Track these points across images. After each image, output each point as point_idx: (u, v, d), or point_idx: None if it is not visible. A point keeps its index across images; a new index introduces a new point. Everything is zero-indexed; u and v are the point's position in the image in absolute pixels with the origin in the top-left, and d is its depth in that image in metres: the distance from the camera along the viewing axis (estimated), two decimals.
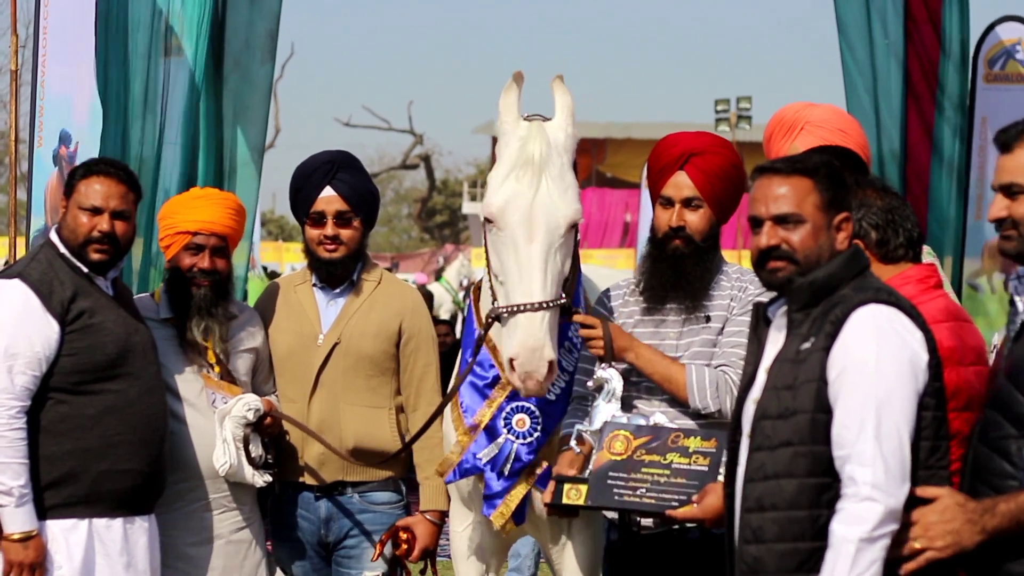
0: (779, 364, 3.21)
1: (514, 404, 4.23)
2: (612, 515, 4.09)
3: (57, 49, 5.81)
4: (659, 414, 3.91)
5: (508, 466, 4.22)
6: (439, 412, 4.37)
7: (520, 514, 4.24)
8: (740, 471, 3.25)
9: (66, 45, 5.78)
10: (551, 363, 3.86)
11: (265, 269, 16.61)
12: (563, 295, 3.97)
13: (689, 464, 3.67)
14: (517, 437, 4.24)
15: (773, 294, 3.36)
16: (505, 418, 4.23)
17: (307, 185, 4.57)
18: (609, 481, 3.73)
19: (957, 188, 6.35)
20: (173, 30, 5.92)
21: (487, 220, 4.04)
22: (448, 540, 4.62)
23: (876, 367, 3.06)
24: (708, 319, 4.05)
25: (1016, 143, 3.13)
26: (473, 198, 49.07)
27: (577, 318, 4.07)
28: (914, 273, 3.70)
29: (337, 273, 4.59)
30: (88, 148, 5.65)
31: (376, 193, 4.73)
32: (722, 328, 4.05)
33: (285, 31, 6.63)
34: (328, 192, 4.54)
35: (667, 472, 3.68)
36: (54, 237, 4.32)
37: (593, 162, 41.40)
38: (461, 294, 22.78)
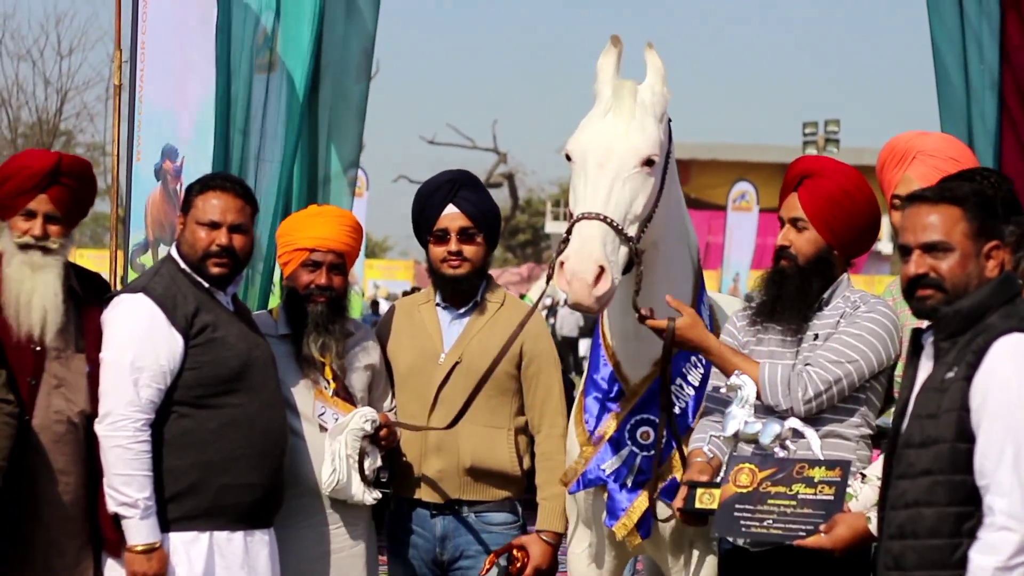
0: (924, 392, 3.23)
1: (639, 417, 4.25)
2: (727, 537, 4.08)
3: (155, 64, 5.90)
4: (793, 419, 3.93)
5: (632, 478, 4.23)
6: (470, 401, 4.36)
7: (645, 527, 4.25)
8: (886, 498, 3.29)
9: (165, 61, 5.85)
10: (602, 269, 3.83)
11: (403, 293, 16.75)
12: (635, 238, 3.95)
13: (815, 494, 3.70)
14: (641, 449, 4.25)
15: (924, 322, 3.37)
16: (630, 430, 4.24)
17: (430, 204, 4.61)
18: (736, 513, 3.76)
19: None
20: (272, 47, 5.99)
21: (568, 159, 4.10)
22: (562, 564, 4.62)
23: (1018, 396, 3.06)
24: (816, 336, 4.04)
25: None
26: (556, 217, 49.16)
27: (672, 302, 4.04)
28: None
29: (461, 289, 4.62)
30: (195, 163, 5.73)
31: (498, 211, 4.77)
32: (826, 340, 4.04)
33: None
34: (451, 209, 4.59)
35: (793, 503, 3.71)
36: (174, 252, 4.38)
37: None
38: (544, 312, 22.78)
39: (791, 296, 4.06)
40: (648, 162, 4.02)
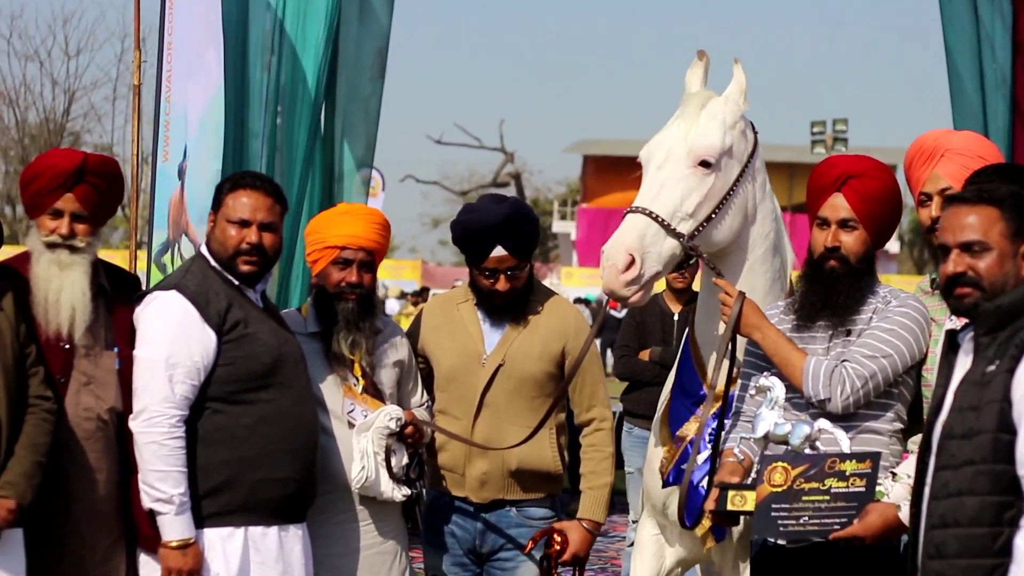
0: (965, 386, 3.28)
1: (716, 423, 4.29)
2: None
3: (181, 65, 5.94)
4: (823, 419, 3.96)
5: (708, 480, 4.26)
6: (549, 415, 4.51)
7: (720, 531, 4.29)
8: (927, 490, 3.32)
9: (188, 61, 5.90)
10: (632, 258, 4.04)
11: (425, 290, 16.74)
12: (686, 233, 4.14)
13: (847, 487, 3.75)
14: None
15: (963, 320, 3.44)
16: (710, 434, 4.28)
17: (479, 240, 4.60)
18: (773, 513, 3.81)
19: None
20: (293, 47, 6.02)
21: (640, 164, 4.32)
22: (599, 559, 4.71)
23: None
24: (849, 333, 4.09)
25: None
26: (563, 216, 49.21)
27: (718, 282, 4.19)
28: None
29: (509, 310, 4.67)
30: (197, 163, 5.76)
31: (539, 232, 4.79)
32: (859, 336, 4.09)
33: None
34: (500, 252, 4.58)
35: (827, 497, 3.76)
36: (204, 250, 4.41)
37: None
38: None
39: (844, 296, 4.11)
40: (704, 163, 4.19)
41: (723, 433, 4.24)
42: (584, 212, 46.10)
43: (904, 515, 3.61)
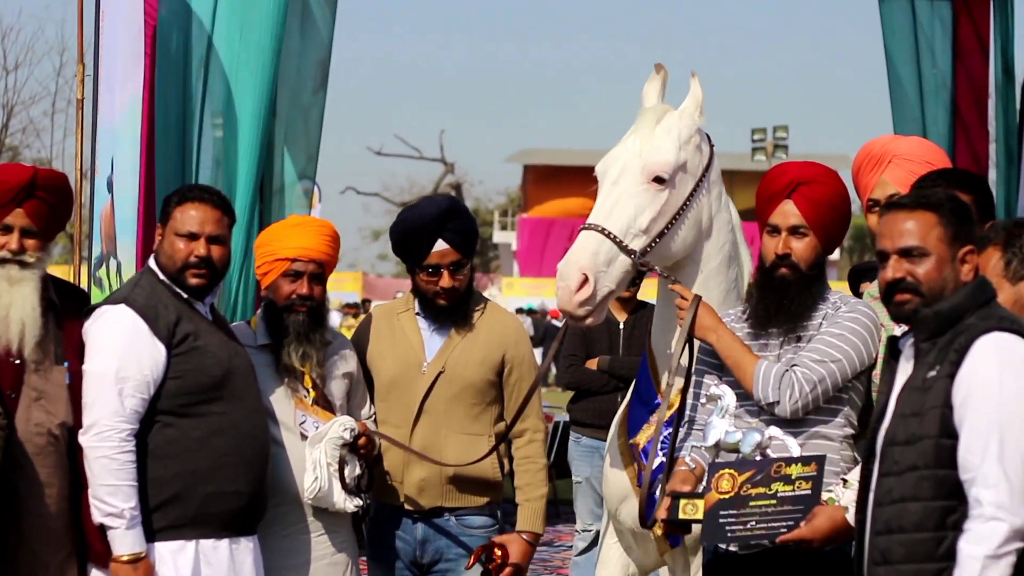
0: (907, 392, 3.33)
1: (671, 430, 4.34)
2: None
3: (109, 78, 5.90)
4: (773, 427, 4.00)
5: (660, 486, 4.30)
6: (524, 407, 4.56)
7: (673, 536, 4.33)
8: (871, 496, 3.37)
9: (112, 74, 5.86)
10: (584, 277, 4.10)
11: (366, 302, 16.69)
12: (638, 250, 4.19)
13: (793, 491, 3.78)
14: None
15: (903, 328, 3.48)
16: (663, 441, 4.33)
17: (418, 238, 4.63)
18: (721, 520, 3.84)
19: (1006, 217, 6.38)
20: (235, 60, 5.98)
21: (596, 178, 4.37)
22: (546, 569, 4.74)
23: (999, 392, 3.16)
24: (800, 339, 4.15)
25: None
26: (504, 227, 49.20)
27: (674, 287, 4.25)
28: None
29: (451, 313, 4.69)
30: (123, 177, 5.73)
31: (478, 231, 4.83)
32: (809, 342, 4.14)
33: None
34: (441, 246, 4.62)
35: (774, 502, 3.80)
36: (152, 264, 4.41)
37: None
38: None
39: (795, 303, 4.15)
40: (658, 179, 4.23)
41: (677, 441, 4.29)
42: (525, 222, 46.18)
43: (852, 517, 3.64)
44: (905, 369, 3.39)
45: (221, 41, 5.96)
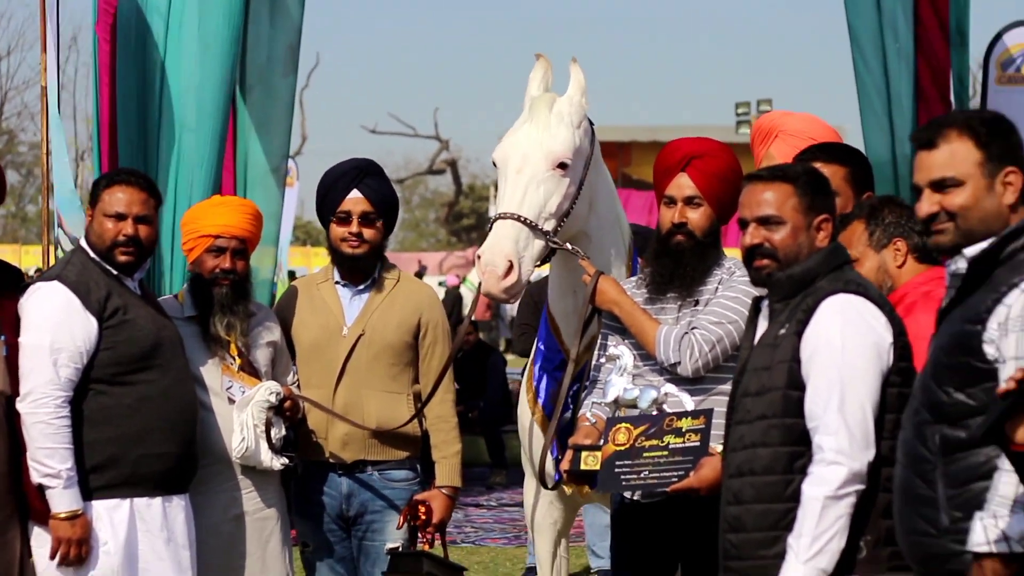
0: (759, 348, 3.61)
1: (579, 385, 4.64)
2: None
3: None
4: (669, 384, 4.30)
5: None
6: (440, 379, 4.85)
7: (592, 479, 4.57)
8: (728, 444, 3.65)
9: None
10: (510, 263, 4.39)
11: (292, 274, 16.94)
12: (548, 230, 4.48)
13: (683, 443, 4.04)
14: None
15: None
16: (571, 397, 4.64)
17: (335, 188, 4.97)
18: (616, 470, 4.12)
19: None
20: (195, 45, 6.17)
21: (495, 165, 4.66)
22: (464, 527, 5.00)
23: (842, 348, 3.43)
24: (697, 303, 4.42)
25: (939, 139, 3.30)
26: None
27: (583, 263, 4.55)
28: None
29: (360, 268, 4.98)
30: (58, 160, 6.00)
31: (397, 200, 5.15)
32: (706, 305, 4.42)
33: (310, 41, 6.87)
34: (355, 194, 4.94)
35: (665, 453, 4.05)
36: (83, 243, 4.71)
37: (619, 165, 41.87)
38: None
39: (691, 268, 4.42)
40: (561, 165, 4.54)
41: (580, 398, 4.59)
42: None
43: None
44: (762, 327, 3.66)
45: (180, 27, 6.12)
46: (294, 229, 21.61)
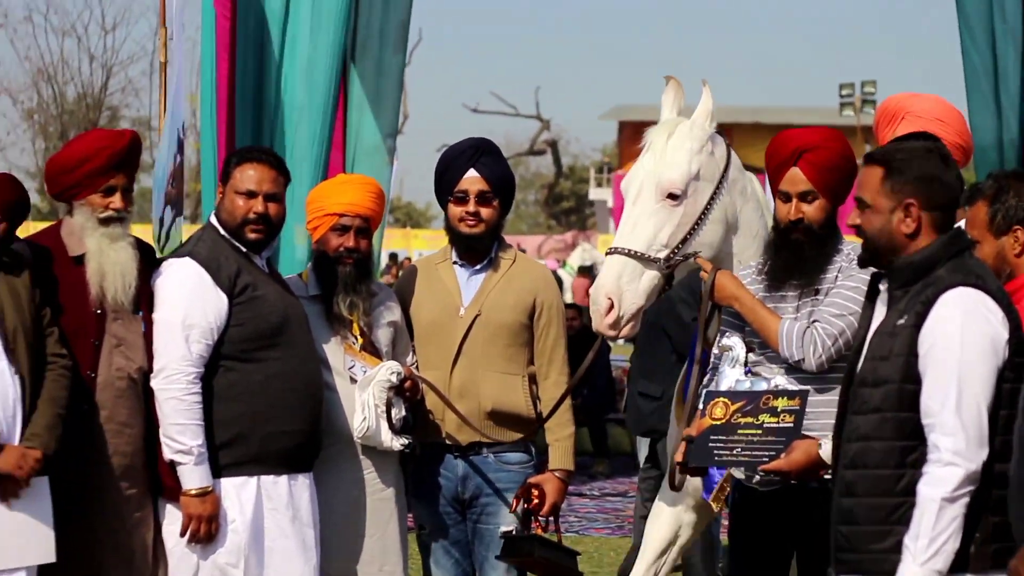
0: (878, 336, 3.57)
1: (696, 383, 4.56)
2: (739, 475, 4.42)
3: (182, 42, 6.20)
4: (779, 377, 4.27)
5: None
6: (569, 391, 4.89)
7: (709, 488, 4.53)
8: (843, 432, 3.62)
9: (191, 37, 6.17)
10: (610, 301, 4.42)
11: (394, 256, 17.01)
12: (663, 260, 4.47)
13: (778, 423, 4.02)
14: None
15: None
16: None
17: (452, 167, 4.98)
18: (710, 444, 4.11)
19: None
20: (309, 22, 6.23)
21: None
22: (567, 516, 4.96)
23: (960, 345, 3.40)
24: (817, 292, 4.39)
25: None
26: (600, 184, 49.20)
27: (698, 260, 4.53)
28: None
29: (476, 248, 4.99)
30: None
31: (513, 179, 5.15)
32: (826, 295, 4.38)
33: (413, 19, 6.95)
34: (472, 174, 4.95)
35: (759, 431, 4.04)
36: (213, 220, 4.74)
37: None
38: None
39: (810, 260, 4.39)
40: (671, 196, 4.52)
41: (699, 390, 4.54)
42: (620, 179, 45.89)
43: (825, 453, 3.90)
44: (880, 312, 3.63)
45: (297, 3, 6.22)
46: (393, 210, 21.78)
